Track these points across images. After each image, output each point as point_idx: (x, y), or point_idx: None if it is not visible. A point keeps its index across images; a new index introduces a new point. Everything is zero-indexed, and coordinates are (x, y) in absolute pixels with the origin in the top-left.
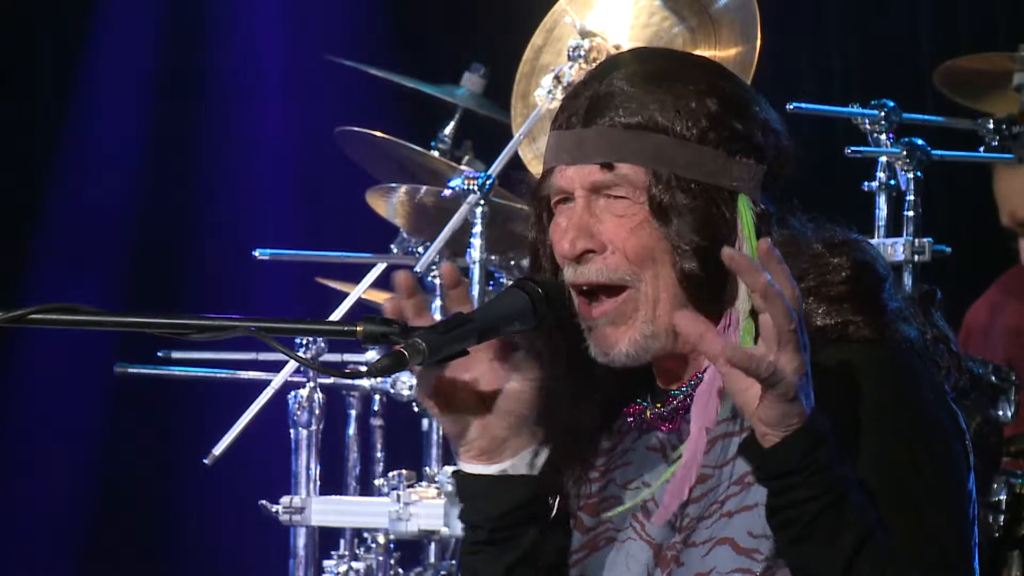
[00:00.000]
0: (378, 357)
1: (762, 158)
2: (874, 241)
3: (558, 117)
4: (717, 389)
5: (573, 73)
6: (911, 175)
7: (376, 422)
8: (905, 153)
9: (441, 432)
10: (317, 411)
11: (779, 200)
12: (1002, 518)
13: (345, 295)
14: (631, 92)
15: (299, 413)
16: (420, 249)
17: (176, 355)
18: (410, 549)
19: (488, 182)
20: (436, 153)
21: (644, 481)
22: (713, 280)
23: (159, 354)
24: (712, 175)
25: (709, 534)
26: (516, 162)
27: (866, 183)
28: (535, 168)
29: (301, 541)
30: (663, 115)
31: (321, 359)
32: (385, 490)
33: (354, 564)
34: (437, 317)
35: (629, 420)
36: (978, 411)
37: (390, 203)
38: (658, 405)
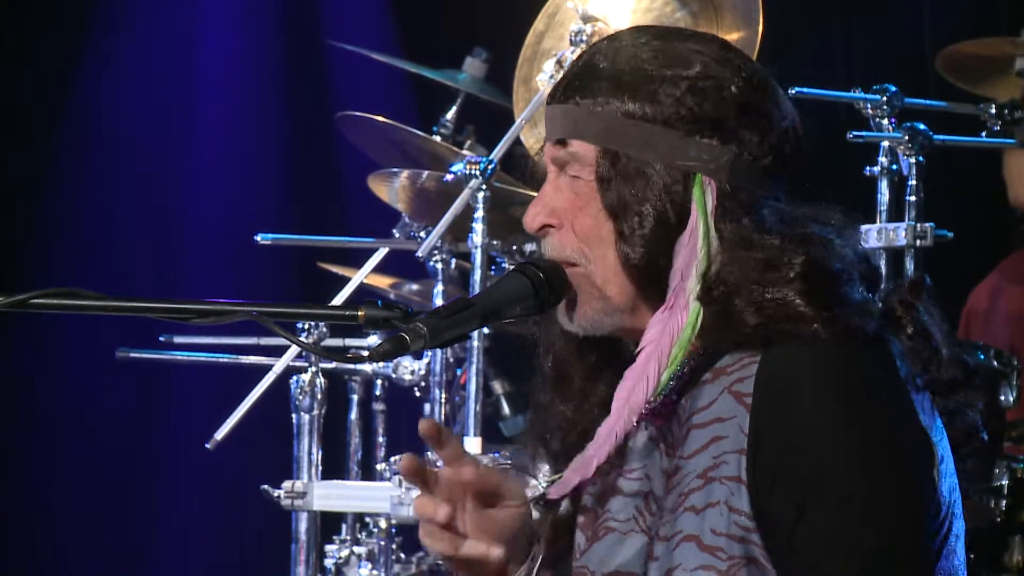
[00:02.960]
0: (380, 342)
1: (730, 139)
2: (876, 226)
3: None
4: (651, 371)
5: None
6: (913, 160)
7: (378, 407)
8: (907, 138)
9: (444, 417)
10: (319, 396)
11: (784, 186)
12: (1004, 503)
13: (347, 280)
14: (600, 70)
15: (301, 398)
16: (422, 234)
17: (178, 340)
18: (412, 534)
19: (490, 167)
20: (438, 138)
21: (646, 472)
22: (659, 263)
23: (161, 339)
24: (664, 155)
25: (676, 528)
26: (518, 147)
27: (868, 168)
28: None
29: (303, 526)
30: (618, 93)
31: (323, 344)
32: (387, 475)
33: (356, 549)
34: (439, 303)
35: None
36: (979, 397)
37: (392, 188)
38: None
